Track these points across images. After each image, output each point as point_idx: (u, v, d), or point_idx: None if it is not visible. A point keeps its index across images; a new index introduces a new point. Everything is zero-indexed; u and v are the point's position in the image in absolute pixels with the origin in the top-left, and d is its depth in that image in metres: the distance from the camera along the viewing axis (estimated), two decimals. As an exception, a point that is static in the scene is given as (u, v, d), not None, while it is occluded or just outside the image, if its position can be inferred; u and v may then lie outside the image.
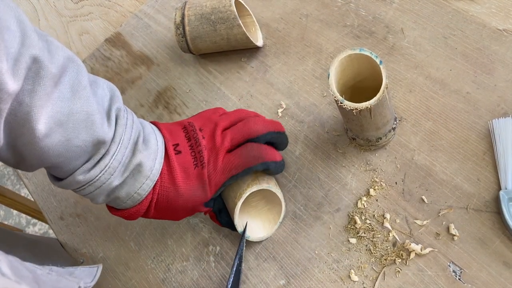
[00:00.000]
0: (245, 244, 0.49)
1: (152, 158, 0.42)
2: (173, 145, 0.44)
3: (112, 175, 0.40)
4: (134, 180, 0.41)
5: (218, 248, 0.53)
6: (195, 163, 0.44)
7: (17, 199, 1.05)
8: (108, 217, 0.60)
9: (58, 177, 0.41)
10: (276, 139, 0.49)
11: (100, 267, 0.45)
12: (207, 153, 0.44)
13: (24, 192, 1.65)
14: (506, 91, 0.51)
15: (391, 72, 0.56)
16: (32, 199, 1.10)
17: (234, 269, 0.47)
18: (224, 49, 0.63)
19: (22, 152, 0.36)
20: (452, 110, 0.52)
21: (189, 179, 0.44)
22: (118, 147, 0.40)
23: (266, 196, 0.52)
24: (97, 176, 0.39)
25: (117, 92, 0.42)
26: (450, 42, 0.56)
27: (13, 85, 0.31)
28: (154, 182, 0.42)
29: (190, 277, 0.53)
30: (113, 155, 0.39)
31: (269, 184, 0.49)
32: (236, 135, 0.46)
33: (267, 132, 0.47)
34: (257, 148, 0.46)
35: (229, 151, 0.46)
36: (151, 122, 0.46)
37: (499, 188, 0.46)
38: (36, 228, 1.59)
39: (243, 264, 0.50)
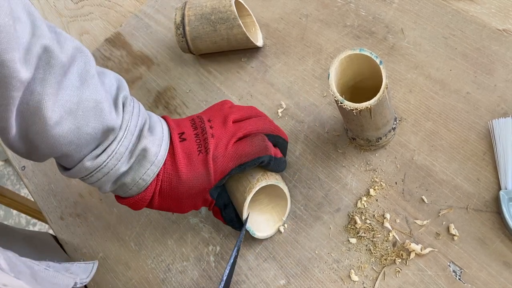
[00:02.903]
0: (243, 236, 0.49)
1: (157, 144, 0.43)
2: (179, 133, 0.45)
3: (119, 160, 0.41)
4: (140, 165, 0.42)
5: (218, 248, 0.53)
6: (199, 149, 0.44)
7: (17, 199, 1.05)
8: (108, 217, 0.60)
9: (67, 167, 0.42)
10: (282, 145, 0.51)
11: (96, 263, 0.46)
12: (215, 140, 0.45)
13: (24, 192, 1.65)
14: (506, 91, 0.51)
15: (391, 72, 0.57)
16: (32, 199, 1.10)
17: (232, 260, 0.47)
18: (224, 49, 0.63)
19: (34, 141, 0.37)
20: (452, 110, 0.52)
21: (192, 165, 0.44)
22: (125, 134, 0.41)
23: (269, 194, 0.52)
24: (104, 161, 0.40)
25: (124, 82, 0.44)
26: (450, 42, 0.56)
27: (25, 73, 0.32)
28: (159, 168, 0.43)
29: (190, 277, 0.53)
30: (120, 141, 0.40)
31: (278, 180, 0.49)
32: (252, 127, 0.47)
33: (278, 135, 0.49)
34: (267, 141, 0.47)
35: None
36: (161, 117, 0.47)
37: (499, 188, 0.46)
38: (36, 228, 1.59)
39: (238, 253, 0.50)
